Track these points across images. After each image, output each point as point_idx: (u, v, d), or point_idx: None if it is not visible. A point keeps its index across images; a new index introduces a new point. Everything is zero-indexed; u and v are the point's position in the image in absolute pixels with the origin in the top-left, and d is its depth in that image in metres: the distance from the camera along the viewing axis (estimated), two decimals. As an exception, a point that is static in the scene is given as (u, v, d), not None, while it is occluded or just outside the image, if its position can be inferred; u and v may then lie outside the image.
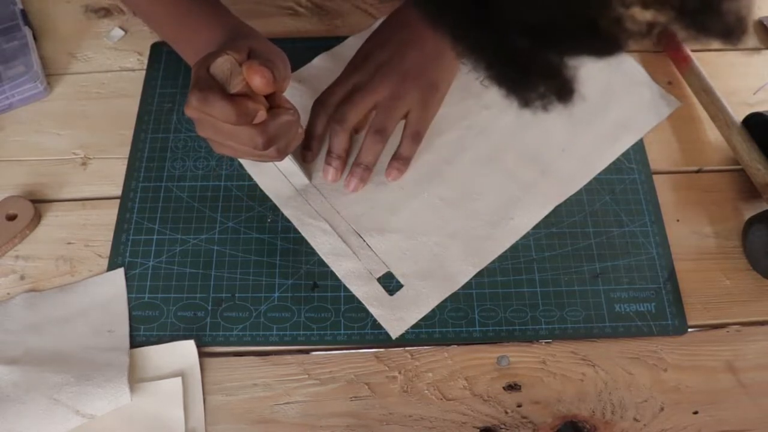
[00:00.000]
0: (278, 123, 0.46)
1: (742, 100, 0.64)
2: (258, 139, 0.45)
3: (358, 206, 0.58)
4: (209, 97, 0.42)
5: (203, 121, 0.45)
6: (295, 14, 0.71)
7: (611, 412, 0.50)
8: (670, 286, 0.55)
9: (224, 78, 0.43)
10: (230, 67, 0.43)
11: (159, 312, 0.53)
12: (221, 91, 0.42)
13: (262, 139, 0.45)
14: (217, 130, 0.46)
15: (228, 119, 0.43)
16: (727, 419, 0.50)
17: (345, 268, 0.55)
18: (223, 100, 0.42)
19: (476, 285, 0.55)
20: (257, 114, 0.44)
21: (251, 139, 0.45)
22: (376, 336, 0.53)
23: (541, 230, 0.57)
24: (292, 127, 0.48)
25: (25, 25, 0.67)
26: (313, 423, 0.50)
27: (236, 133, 0.45)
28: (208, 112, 0.43)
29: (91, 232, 0.57)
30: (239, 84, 0.43)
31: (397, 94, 0.56)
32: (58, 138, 0.62)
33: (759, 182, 0.57)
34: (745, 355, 0.52)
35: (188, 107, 0.44)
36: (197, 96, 0.42)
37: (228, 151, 0.48)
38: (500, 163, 0.60)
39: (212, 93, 0.42)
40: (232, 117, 0.43)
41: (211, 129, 0.46)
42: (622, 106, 0.63)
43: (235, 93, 0.43)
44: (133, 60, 0.67)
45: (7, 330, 0.52)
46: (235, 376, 0.51)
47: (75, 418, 0.47)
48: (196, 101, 0.43)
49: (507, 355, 0.52)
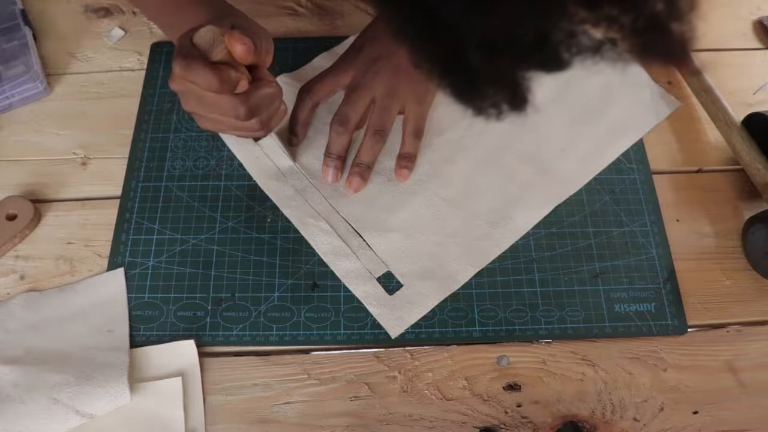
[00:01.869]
0: (260, 94, 0.47)
1: (742, 100, 0.64)
2: (240, 109, 0.46)
3: (357, 206, 0.58)
4: (192, 64, 0.43)
5: (187, 93, 0.46)
6: (295, 14, 0.71)
7: (611, 411, 0.50)
8: (670, 286, 0.55)
9: (206, 47, 0.44)
10: (212, 37, 0.44)
11: (159, 312, 0.53)
12: (204, 59, 0.44)
13: (244, 108, 0.46)
14: (201, 102, 0.47)
15: (210, 86, 0.44)
16: (727, 419, 0.50)
17: (345, 268, 0.55)
18: (206, 68, 0.43)
19: (476, 285, 0.55)
20: (239, 83, 0.46)
21: (233, 109, 0.46)
22: (376, 336, 0.53)
23: (541, 230, 0.57)
24: (274, 99, 0.49)
25: (25, 25, 0.67)
26: (313, 423, 0.50)
27: (219, 103, 0.46)
28: (191, 80, 0.44)
29: (91, 232, 0.57)
30: (221, 52, 0.44)
31: (392, 91, 0.56)
32: (58, 138, 0.62)
33: (759, 182, 0.57)
34: (745, 355, 0.52)
35: (172, 78, 0.46)
36: (180, 63, 0.44)
37: (212, 125, 0.50)
38: (500, 163, 0.60)
39: (195, 60, 0.43)
40: (214, 84, 0.44)
41: (195, 101, 0.47)
42: (622, 106, 0.63)
43: (218, 61, 0.44)
44: (133, 60, 0.67)
45: (7, 330, 0.52)
46: (234, 376, 0.51)
47: (75, 418, 0.47)
48: (180, 69, 0.44)
49: (507, 355, 0.52)
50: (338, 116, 0.57)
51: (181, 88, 0.46)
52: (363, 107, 0.57)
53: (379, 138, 0.56)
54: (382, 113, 0.56)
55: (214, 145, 0.61)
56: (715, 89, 0.62)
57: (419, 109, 0.58)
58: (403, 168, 0.58)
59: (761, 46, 0.69)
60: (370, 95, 0.57)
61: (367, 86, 0.57)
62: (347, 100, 0.57)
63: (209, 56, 0.44)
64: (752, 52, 0.69)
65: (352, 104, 0.56)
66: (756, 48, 0.69)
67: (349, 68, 0.58)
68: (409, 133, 0.58)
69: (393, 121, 0.57)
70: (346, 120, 0.56)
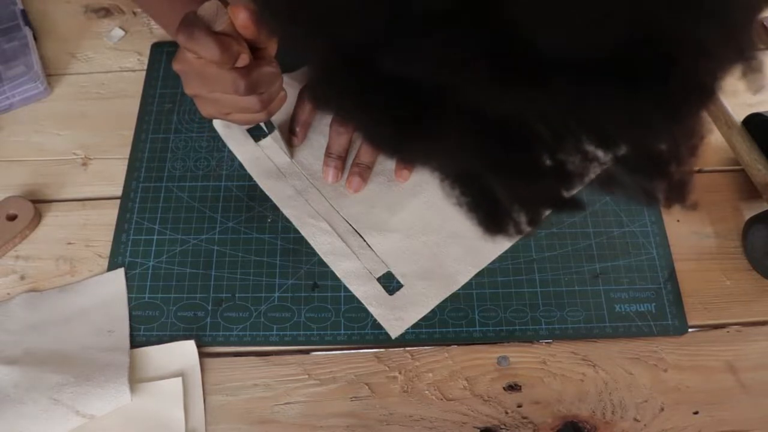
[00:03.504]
0: (260, 71, 0.48)
1: (742, 100, 0.64)
2: (240, 83, 0.47)
3: (358, 206, 0.58)
4: (195, 32, 0.44)
5: (189, 71, 0.47)
6: (295, 14, 0.71)
7: (611, 412, 0.50)
8: (671, 286, 0.55)
9: (210, 18, 0.45)
10: (216, 9, 0.45)
11: (159, 312, 0.53)
12: (207, 29, 0.44)
13: (244, 81, 0.47)
14: (203, 79, 0.47)
15: (212, 56, 0.44)
16: (728, 419, 0.50)
17: (345, 268, 0.55)
18: (208, 36, 0.44)
19: (476, 285, 0.55)
20: (240, 56, 0.46)
21: (233, 82, 0.47)
22: (376, 336, 0.52)
23: (542, 230, 0.57)
24: (275, 79, 0.50)
25: (26, 25, 0.67)
26: (314, 423, 0.50)
27: (220, 78, 0.46)
28: (194, 49, 0.45)
29: (91, 232, 0.57)
30: (224, 23, 0.45)
31: None
32: (58, 138, 0.62)
33: (759, 182, 0.57)
34: (745, 355, 0.52)
35: (175, 58, 0.47)
36: (184, 32, 0.44)
37: (213, 107, 0.50)
38: (500, 164, 0.60)
39: (198, 29, 0.44)
40: (215, 53, 0.44)
41: (197, 79, 0.47)
42: (623, 107, 0.63)
43: (220, 32, 0.45)
44: (133, 60, 0.67)
45: (7, 330, 0.52)
46: (235, 376, 0.51)
47: (75, 419, 0.47)
48: (183, 38, 0.44)
49: (507, 355, 0.52)
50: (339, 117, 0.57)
51: (182, 67, 0.47)
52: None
53: None
54: None
55: (214, 145, 0.61)
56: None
57: None
58: (402, 169, 0.58)
59: (761, 47, 0.69)
60: None
61: None
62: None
63: (212, 27, 0.45)
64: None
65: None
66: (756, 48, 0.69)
67: None
68: None
69: None
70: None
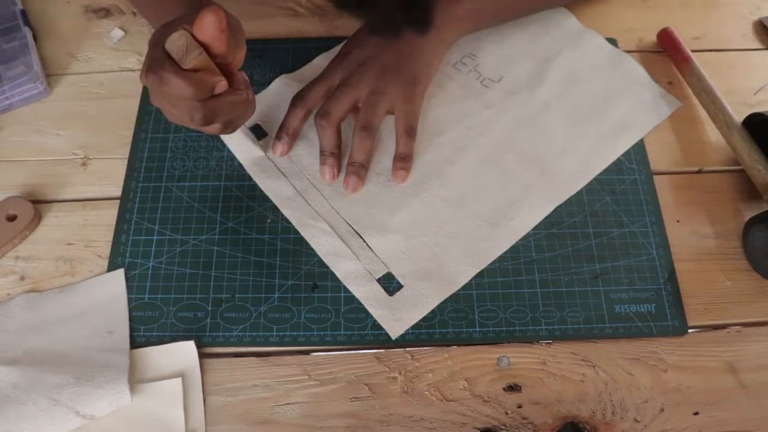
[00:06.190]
0: (219, 101, 0.46)
1: (742, 100, 0.64)
2: (197, 115, 0.45)
3: (357, 207, 0.58)
4: (164, 76, 0.43)
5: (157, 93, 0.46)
6: (295, 15, 0.71)
7: (611, 412, 0.50)
8: (671, 286, 0.55)
9: (179, 54, 0.43)
10: (186, 43, 0.43)
11: (159, 312, 0.53)
12: (176, 69, 0.43)
13: (201, 114, 0.45)
14: (167, 100, 0.46)
15: (185, 95, 0.43)
16: (728, 420, 0.50)
17: (345, 269, 0.55)
18: (179, 78, 0.43)
19: (476, 286, 0.55)
20: (217, 85, 0.45)
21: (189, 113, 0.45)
22: (376, 337, 0.52)
23: (542, 231, 0.57)
24: (238, 106, 0.49)
25: (25, 25, 0.67)
26: (314, 424, 0.50)
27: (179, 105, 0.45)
28: (165, 91, 0.44)
29: (91, 233, 0.57)
30: (194, 59, 0.43)
31: (378, 89, 0.57)
32: (58, 138, 0.62)
33: (759, 183, 0.57)
34: (745, 355, 0.52)
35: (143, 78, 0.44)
36: (152, 79, 0.43)
37: (178, 121, 0.49)
38: (500, 164, 0.60)
39: (167, 72, 0.43)
40: (188, 92, 0.43)
41: (163, 99, 0.47)
42: (623, 107, 0.63)
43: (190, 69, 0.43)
44: (133, 60, 0.67)
45: (7, 330, 0.52)
46: (235, 376, 0.51)
47: (75, 419, 0.47)
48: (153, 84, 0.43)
49: (507, 355, 0.52)
50: (320, 111, 0.57)
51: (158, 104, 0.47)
52: (347, 103, 0.57)
53: (366, 135, 0.57)
54: (368, 110, 0.57)
55: (214, 145, 0.61)
56: (716, 89, 0.62)
57: (409, 108, 0.58)
58: (399, 170, 0.58)
59: (761, 47, 0.69)
60: (356, 93, 0.57)
61: (353, 85, 0.57)
62: (331, 96, 0.58)
63: (182, 63, 0.43)
64: (752, 52, 0.69)
65: (335, 99, 0.57)
66: (756, 48, 0.69)
67: (337, 72, 0.59)
68: (401, 133, 0.58)
69: (381, 118, 0.57)
70: (327, 113, 0.57)
